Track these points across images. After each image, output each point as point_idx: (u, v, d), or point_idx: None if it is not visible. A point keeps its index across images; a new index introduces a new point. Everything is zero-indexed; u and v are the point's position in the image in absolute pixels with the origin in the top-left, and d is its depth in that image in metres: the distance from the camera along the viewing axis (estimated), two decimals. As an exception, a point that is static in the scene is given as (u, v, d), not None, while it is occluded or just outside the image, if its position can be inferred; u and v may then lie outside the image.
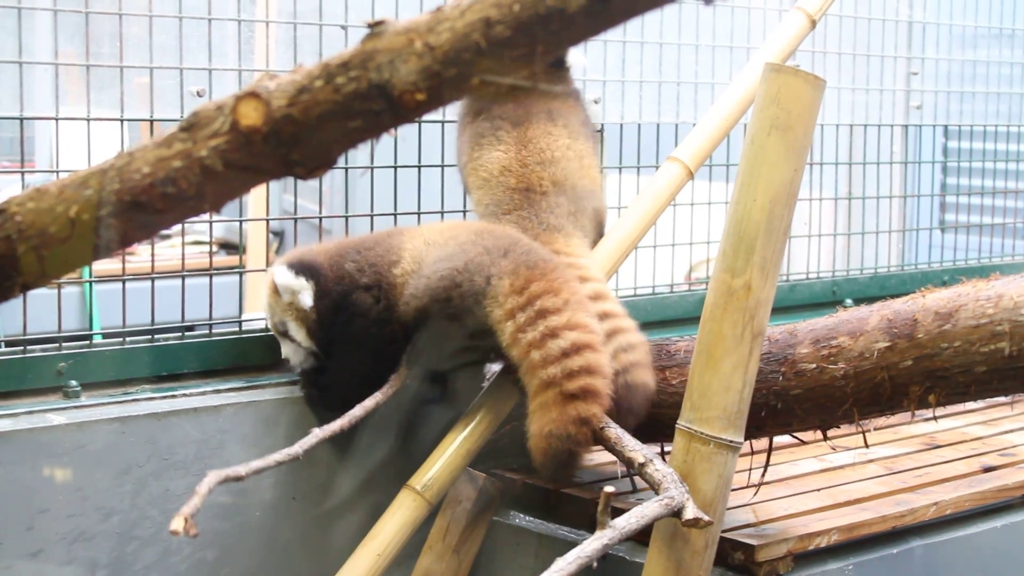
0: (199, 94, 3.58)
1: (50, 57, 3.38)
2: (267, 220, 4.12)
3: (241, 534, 3.38)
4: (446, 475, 3.30)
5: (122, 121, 3.51)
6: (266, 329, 3.57)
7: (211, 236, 4.00)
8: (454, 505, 3.49)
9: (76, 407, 3.25)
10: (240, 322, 3.78)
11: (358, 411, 3.22)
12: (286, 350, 3.45)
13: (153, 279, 3.53)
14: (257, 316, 3.74)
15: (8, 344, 3.35)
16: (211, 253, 4.04)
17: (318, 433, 3.10)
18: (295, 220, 4.12)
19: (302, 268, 3.35)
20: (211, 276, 3.69)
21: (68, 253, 2.33)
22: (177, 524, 2.60)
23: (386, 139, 2.19)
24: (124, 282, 3.51)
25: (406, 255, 3.38)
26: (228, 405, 3.38)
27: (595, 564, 2.58)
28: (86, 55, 3.40)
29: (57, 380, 3.32)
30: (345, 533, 3.42)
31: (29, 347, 3.34)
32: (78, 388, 3.33)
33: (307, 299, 3.33)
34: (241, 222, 4.09)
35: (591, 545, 2.61)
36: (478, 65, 2.01)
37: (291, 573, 3.46)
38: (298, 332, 3.39)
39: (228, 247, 7.13)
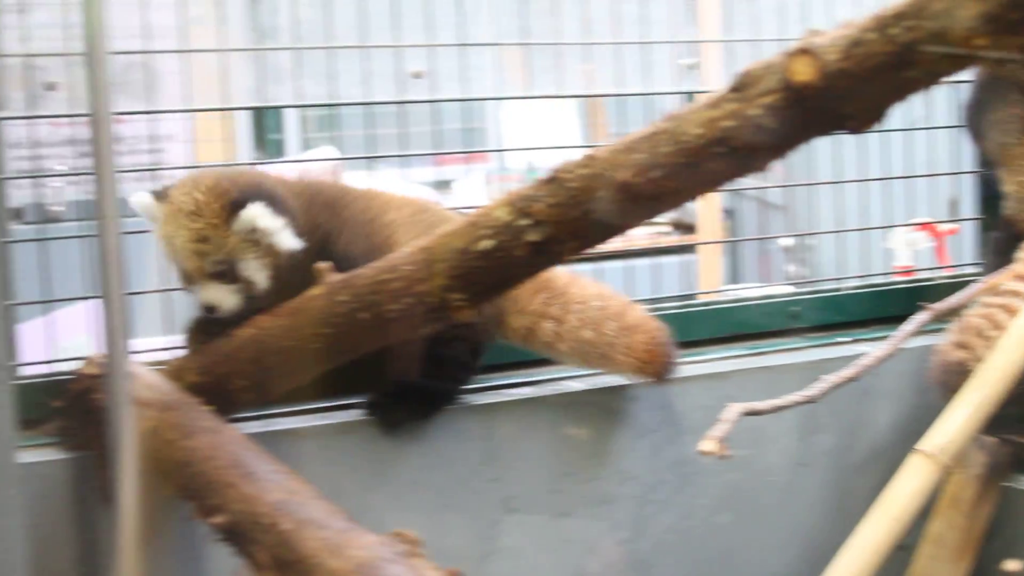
0: (690, 67, 3.65)
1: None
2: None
3: (751, 501, 3.42)
4: (960, 439, 3.24)
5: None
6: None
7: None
8: (963, 470, 3.43)
9: (589, 375, 3.36)
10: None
11: (869, 360, 3.21)
12: (215, 295, 2.88)
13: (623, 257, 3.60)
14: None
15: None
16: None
17: (829, 379, 3.13)
18: (763, 192, 4.13)
19: (278, 206, 2.88)
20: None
21: (617, 217, 2.42)
22: (709, 445, 2.69)
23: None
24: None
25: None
26: (735, 372, 3.43)
27: None
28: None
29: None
30: (854, 498, 3.42)
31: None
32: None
33: (290, 239, 2.88)
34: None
35: None
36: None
37: (805, 537, 3.48)
38: (258, 272, 2.88)
39: (681, 227, 7.20)
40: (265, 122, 6.27)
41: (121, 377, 2.50)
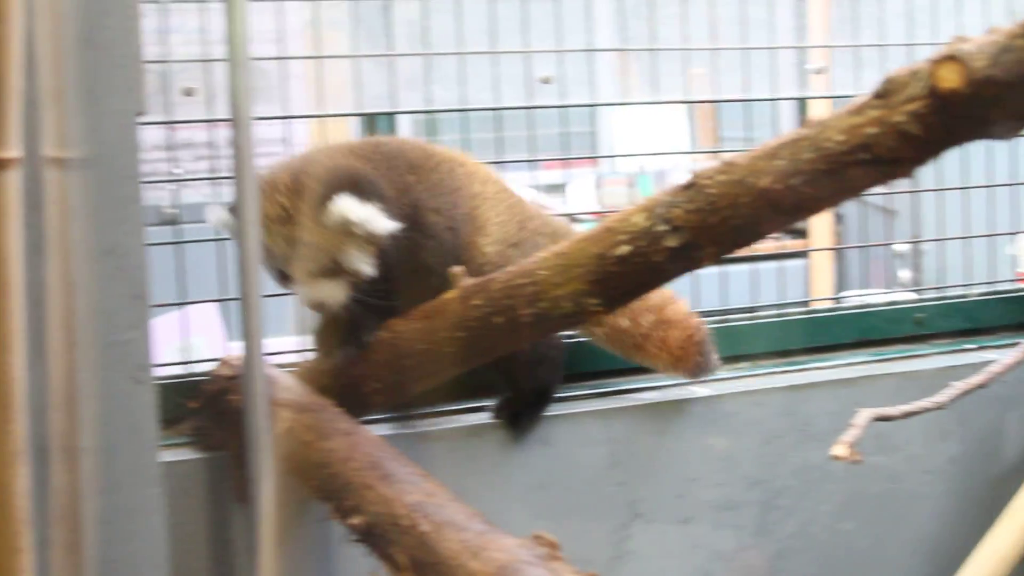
0: (818, 72, 3.63)
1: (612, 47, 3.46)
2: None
3: (877, 507, 3.39)
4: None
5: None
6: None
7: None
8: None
9: (714, 380, 3.35)
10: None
11: (998, 367, 3.19)
12: (322, 292, 2.75)
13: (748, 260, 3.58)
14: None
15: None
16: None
17: (958, 386, 3.10)
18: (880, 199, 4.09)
19: (365, 190, 2.71)
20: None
21: (756, 224, 2.41)
22: (840, 450, 2.69)
23: None
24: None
25: (492, 229, 3.00)
26: (861, 378, 3.41)
27: None
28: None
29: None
30: (981, 506, 3.39)
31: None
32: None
33: (384, 222, 2.71)
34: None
35: None
36: None
37: (930, 544, 3.45)
38: (363, 261, 2.73)
39: (793, 231, 7.16)
40: (378, 126, 6.33)
41: (258, 379, 2.54)
